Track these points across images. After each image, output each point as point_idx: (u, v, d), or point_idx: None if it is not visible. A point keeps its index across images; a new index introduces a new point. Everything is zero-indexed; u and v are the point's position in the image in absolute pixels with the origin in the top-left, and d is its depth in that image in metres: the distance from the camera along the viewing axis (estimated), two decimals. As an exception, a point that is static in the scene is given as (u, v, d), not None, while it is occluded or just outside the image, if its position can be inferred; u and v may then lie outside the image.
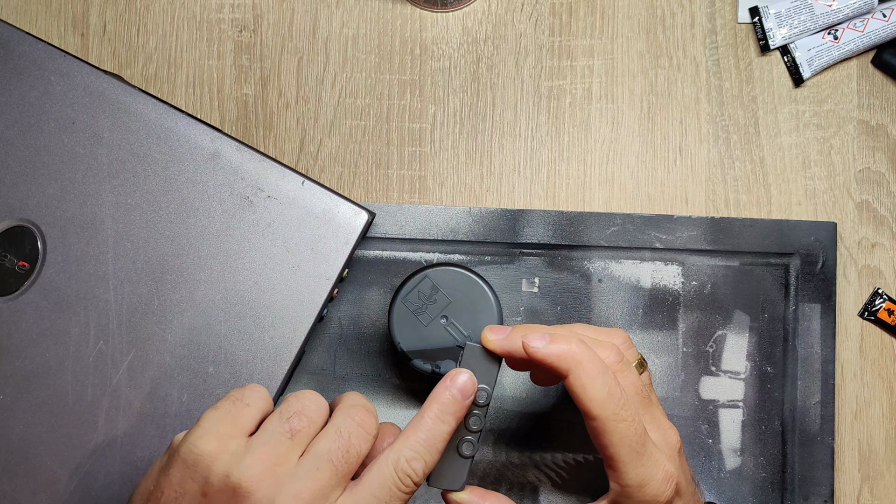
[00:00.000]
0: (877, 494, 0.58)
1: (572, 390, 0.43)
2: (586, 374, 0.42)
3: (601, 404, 0.42)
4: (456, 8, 0.59)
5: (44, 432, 0.51)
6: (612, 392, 0.42)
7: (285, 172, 0.52)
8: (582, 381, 0.42)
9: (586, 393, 0.42)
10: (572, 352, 0.43)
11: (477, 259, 0.58)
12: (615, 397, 0.42)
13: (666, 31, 0.60)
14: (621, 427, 0.42)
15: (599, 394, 0.42)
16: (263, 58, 0.59)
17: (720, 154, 0.59)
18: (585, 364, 0.42)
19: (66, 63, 0.53)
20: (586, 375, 0.42)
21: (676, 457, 0.45)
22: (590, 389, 0.42)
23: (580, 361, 0.43)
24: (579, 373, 0.42)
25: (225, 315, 0.52)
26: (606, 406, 0.42)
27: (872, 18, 0.59)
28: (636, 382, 0.45)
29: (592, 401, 0.42)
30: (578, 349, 0.43)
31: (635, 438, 0.42)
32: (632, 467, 0.42)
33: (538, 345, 0.43)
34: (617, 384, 0.43)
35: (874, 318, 0.58)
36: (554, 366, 0.43)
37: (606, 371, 0.43)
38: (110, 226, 0.52)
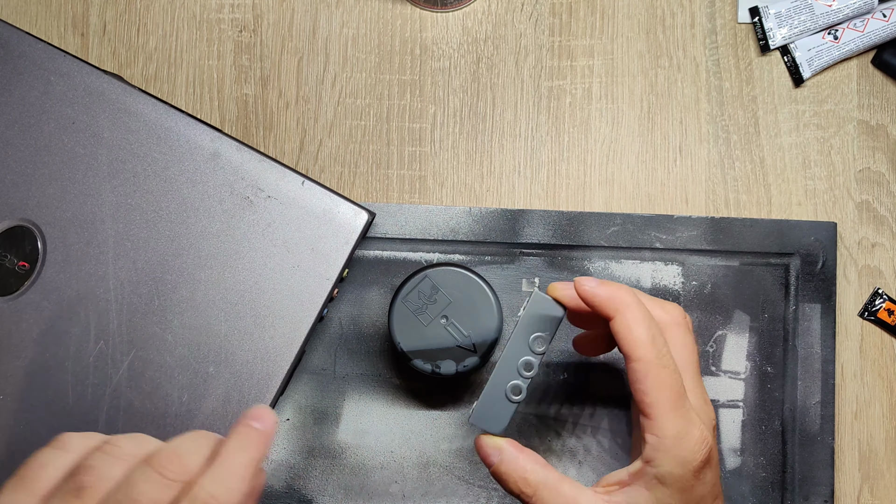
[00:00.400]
0: (877, 494, 0.58)
1: (616, 332, 0.43)
2: (633, 315, 0.43)
3: (644, 345, 0.43)
4: (456, 8, 0.59)
5: (44, 432, 0.51)
6: (656, 338, 0.43)
7: (285, 172, 0.52)
8: (627, 321, 0.43)
9: (631, 332, 0.43)
10: (620, 295, 0.44)
11: (477, 259, 0.58)
12: (658, 343, 0.43)
13: (666, 31, 0.60)
14: (663, 373, 0.43)
15: (644, 336, 0.43)
16: (263, 58, 0.59)
17: (720, 154, 0.59)
18: (632, 307, 0.43)
19: (66, 63, 0.53)
20: (632, 317, 0.43)
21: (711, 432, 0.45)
22: (635, 330, 0.43)
23: (628, 304, 0.44)
24: (626, 313, 0.43)
25: (225, 315, 0.52)
26: (650, 348, 0.43)
27: (872, 18, 0.59)
28: (693, 344, 0.46)
29: (637, 341, 0.43)
30: (627, 294, 0.44)
31: (675, 388, 0.43)
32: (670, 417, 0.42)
33: (590, 285, 0.44)
34: (661, 335, 0.44)
35: (874, 318, 0.58)
36: (602, 306, 0.44)
37: (652, 319, 0.44)
38: (110, 226, 0.52)
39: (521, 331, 0.46)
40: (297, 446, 0.57)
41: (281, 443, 0.57)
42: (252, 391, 0.51)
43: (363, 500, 0.56)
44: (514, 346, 0.46)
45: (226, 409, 0.51)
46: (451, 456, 0.57)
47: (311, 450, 0.57)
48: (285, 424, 0.57)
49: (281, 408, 0.57)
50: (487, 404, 0.45)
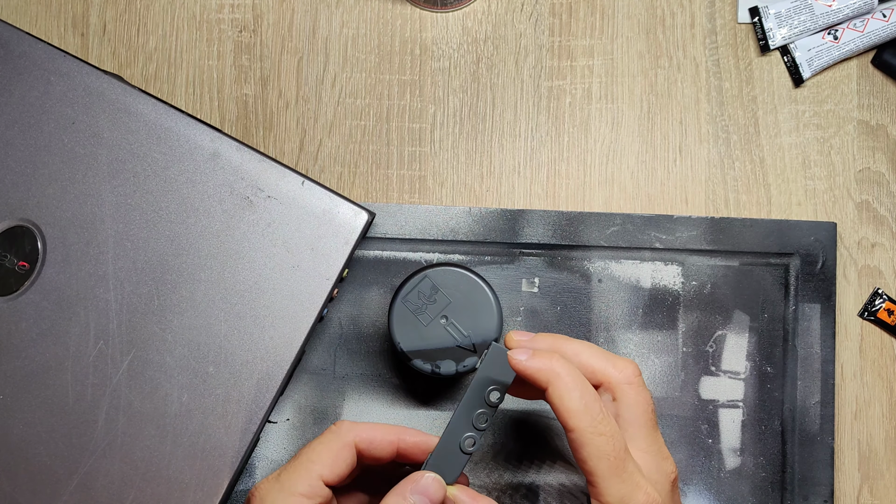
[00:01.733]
0: (877, 494, 0.58)
1: (551, 403, 0.43)
2: (564, 385, 0.43)
3: (577, 415, 0.42)
4: (456, 8, 0.59)
5: (44, 432, 0.51)
6: (590, 406, 0.43)
7: (285, 172, 0.52)
8: (560, 392, 0.43)
9: (563, 403, 0.43)
10: (551, 365, 0.43)
11: (477, 259, 0.58)
12: (592, 411, 0.43)
13: (666, 31, 0.60)
14: (599, 441, 0.42)
15: (576, 405, 0.43)
16: (263, 58, 0.59)
17: (720, 154, 0.59)
18: (563, 377, 0.43)
19: (66, 63, 0.53)
20: (564, 387, 0.43)
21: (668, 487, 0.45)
22: (567, 400, 0.43)
23: (559, 374, 0.43)
24: (558, 384, 0.43)
25: (225, 315, 0.52)
26: (583, 417, 0.42)
27: (872, 18, 0.59)
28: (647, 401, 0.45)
29: (569, 411, 0.43)
30: (558, 363, 0.43)
31: (614, 454, 0.42)
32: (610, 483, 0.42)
33: (521, 357, 0.44)
34: (597, 401, 0.43)
35: (874, 318, 0.58)
36: (534, 378, 0.44)
37: (586, 386, 0.43)
38: (110, 226, 0.52)
39: (478, 384, 0.45)
40: (297, 446, 0.57)
41: (281, 443, 0.57)
42: (252, 391, 0.51)
43: (363, 500, 0.56)
44: (470, 399, 0.45)
45: (226, 409, 0.51)
46: (451, 456, 0.57)
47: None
48: (285, 424, 0.57)
49: (281, 408, 0.57)
50: (442, 456, 0.45)
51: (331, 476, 0.45)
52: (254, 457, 0.56)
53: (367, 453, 0.46)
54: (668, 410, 0.57)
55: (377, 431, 0.46)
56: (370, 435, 0.46)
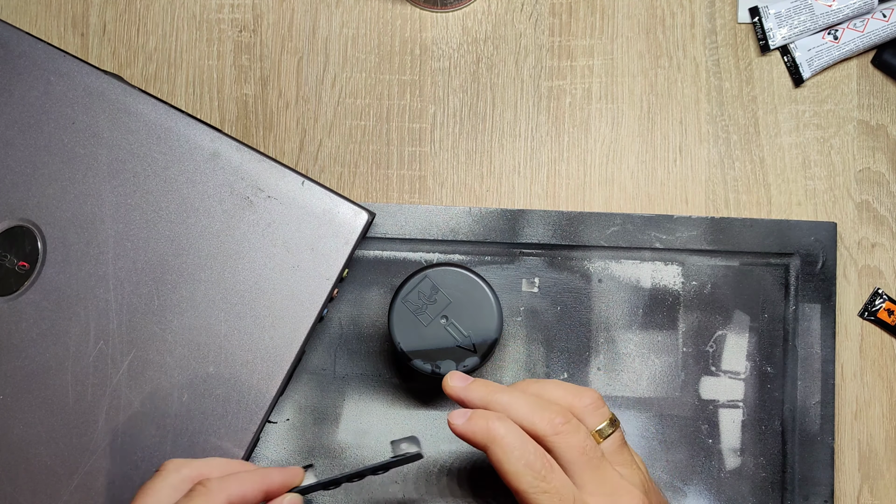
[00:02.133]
0: (877, 494, 0.58)
1: (493, 465, 0.43)
2: (502, 447, 0.43)
3: (517, 476, 0.43)
4: (456, 8, 0.59)
5: (43, 432, 0.51)
6: (530, 464, 0.43)
7: (285, 172, 0.52)
8: (498, 454, 0.43)
9: (503, 466, 0.43)
10: (489, 427, 0.43)
11: (477, 259, 0.58)
12: (533, 469, 0.43)
13: (666, 31, 0.60)
14: (543, 498, 0.42)
15: (515, 466, 0.43)
16: (263, 58, 0.59)
17: (720, 154, 0.59)
18: (501, 438, 0.43)
19: (66, 63, 0.53)
20: (501, 449, 0.43)
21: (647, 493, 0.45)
22: (506, 462, 0.43)
23: (495, 436, 0.43)
24: (495, 447, 0.43)
25: (225, 315, 0.52)
26: (523, 478, 0.42)
27: (872, 18, 0.59)
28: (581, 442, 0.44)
29: (509, 473, 0.43)
30: (495, 425, 0.43)
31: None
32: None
33: (458, 422, 0.44)
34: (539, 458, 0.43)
35: (874, 318, 0.58)
36: (473, 441, 0.44)
37: (526, 445, 0.43)
38: (110, 226, 0.52)
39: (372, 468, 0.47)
40: (297, 446, 0.57)
41: (281, 443, 0.57)
42: (252, 391, 0.51)
43: (363, 500, 0.56)
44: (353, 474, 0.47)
45: (226, 409, 0.51)
46: (451, 456, 0.57)
47: (311, 450, 0.57)
48: (285, 424, 0.57)
49: (281, 408, 0.57)
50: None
51: None
52: (254, 457, 0.56)
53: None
54: (668, 410, 0.57)
55: (247, 486, 0.44)
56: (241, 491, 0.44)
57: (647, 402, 0.57)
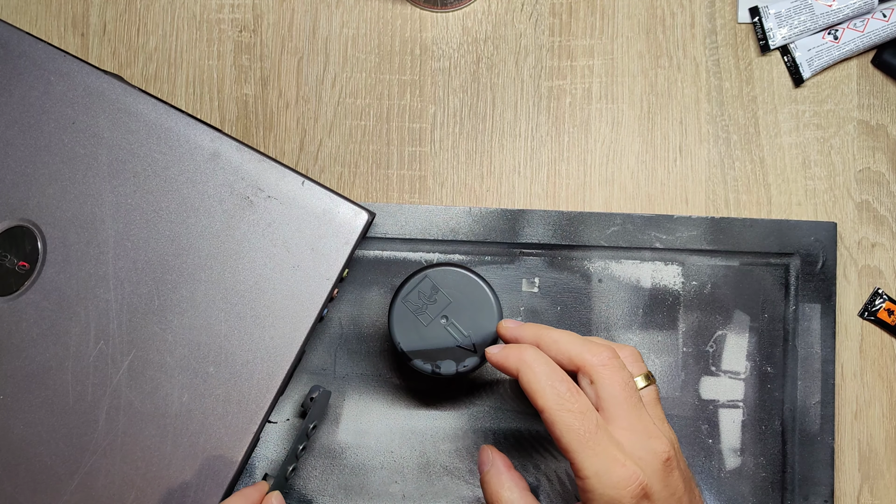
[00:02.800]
0: (877, 494, 0.58)
1: (524, 390, 0.46)
2: (531, 371, 0.45)
3: (543, 395, 0.45)
4: (456, 8, 0.59)
5: (44, 432, 0.51)
6: (555, 386, 0.45)
7: (285, 172, 0.52)
8: (528, 377, 0.45)
9: (531, 386, 0.45)
10: (520, 355, 0.46)
11: (477, 259, 0.58)
12: (558, 390, 0.45)
13: (666, 31, 0.60)
14: (567, 416, 0.44)
15: (541, 386, 0.45)
16: (263, 58, 0.59)
17: (720, 154, 0.59)
18: (530, 363, 0.45)
19: (66, 63, 0.53)
20: (531, 372, 0.45)
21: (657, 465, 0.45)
22: (534, 383, 0.45)
23: (525, 361, 0.46)
24: (525, 371, 0.45)
25: (225, 315, 0.52)
26: (549, 397, 0.44)
27: (872, 18, 0.59)
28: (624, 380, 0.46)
29: (536, 393, 0.45)
30: (526, 352, 0.46)
31: (583, 428, 0.44)
32: (584, 457, 0.43)
33: (494, 351, 0.47)
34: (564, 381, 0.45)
35: (874, 318, 0.58)
36: (507, 369, 0.46)
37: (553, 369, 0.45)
38: (110, 226, 0.52)
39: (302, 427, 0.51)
40: (297, 446, 0.57)
41: (281, 443, 0.57)
42: (252, 391, 0.51)
43: (363, 500, 0.56)
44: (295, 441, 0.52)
45: (226, 409, 0.51)
46: (451, 456, 0.57)
47: (311, 450, 0.57)
48: (285, 424, 0.57)
49: (281, 408, 0.57)
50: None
51: None
52: (254, 457, 0.56)
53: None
54: (668, 410, 0.57)
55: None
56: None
57: (647, 402, 0.57)
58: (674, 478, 0.45)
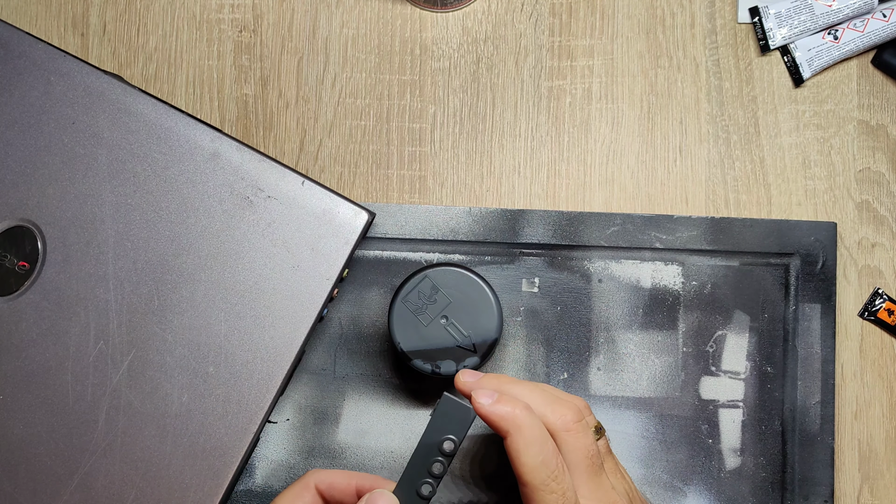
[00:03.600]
0: (877, 494, 0.58)
1: (509, 453, 0.43)
2: (523, 439, 0.43)
3: (532, 471, 0.43)
4: (456, 8, 0.59)
5: (44, 432, 0.51)
6: (547, 462, 0.43)
7: (285, 172, 0.52)
8: (518, 445, 0.43)
9: (520, 458, 0.43)
10: (514, 415, 0.43)
11: (477, 259, 0.58)
12: (549, 468, 0.43)
13: (666, 31, 0.60)
14: (549, 498, 0.42)
15: (532, 461, 0.43)
16: (263, 58, 0.59)
17: (720, 154, 0.59)
18: (524, 429, 0.43)
19: (66, 63, 0.53)
20: (523, 440, 0.43)
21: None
22: (524, 455, 0.43)
23: (520, 426, 0.43)
24: (517, 437, 0.43)
25: (225, 315, 0.52)
26: (537, 475, 0.42)
27: (872, 18, 0.59)
28: (589, 446, 0.45)
29: (524, 466, 0.43)
30: (521, 414, 0.43)
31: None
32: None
33: (484, 401, 0.44)
34: (554, 457, 0.43)
35: (874, 318, 0.58)
36: (495, 425, 0.43)
37: (545, 441, 0.43)
38: (110, 226, 0.52)
39: (431, 434, 0.45)
40: (297, 446, 0.57)
41: (281, 443, 0.57)
42: (252, 391, 0.51)
43: (363, 500, 0.56)
44: (424, 450, 0.45)
45: (226, 409, 0.51)
46: (451, 456, 0.57)
47: (311, 450, 0.57)
48: (285, 424, 0.57)
49: (281, 408, 0.57)
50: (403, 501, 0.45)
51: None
52: (254, 457, 0.56)
53: (329, 495, 0.48)
54: (668, 410, 0.57)
55: (337, 476, 0.48)
56: (330, 479, 0.48)
57: (647, 402, 0.57)
58: None
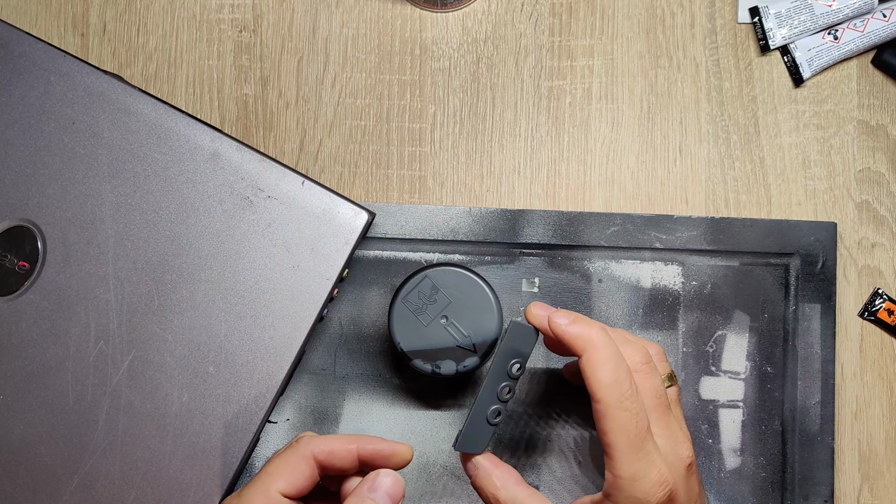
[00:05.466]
0: (877, 494, 0.58)
1: (583, 371, 0.44)
2: (599, 357, 0.44)
3: (607, 388, 0.43)
4: (456, 8, 0.59)
5: (44, 432, 0.51)
6: (621, 381, 0.44)
7: (285, 172, 0.52)
8: (593, 362, 0.44)
9: (595, 374, 0.44)
10: (591, 333, 0.44)
11: (477, 259, 0.58)
12: (622, 386, 0.43)
13: (666, 31, 0.60)
14: (622, 416, 0.43)
15: (607, 378, 0.43)
16: (263, 58, 0.59)
17: (720, 154, 0.59)
18: (600, 348, 0.44)
19: (66, 63, 0.53)
20: (598, 358, 0.44)
21: (683, 470, 0.45)
22: (599, 372, 0.44)
23: (596, 344, 0.44)
24: (592, 354, 0.44)
25: (225, 315, 0.52)
26: (612, 391, 0.43)
27: (872, 18, 0.59)
28: (656, 387, 0.46)
29: (599, 383, 0.43)
30: (597, 334, 0.44)
31: (634, 431, 0.43)
32: (626, 458, 0.43)
33: (562, 321, 0.45)
34: (628, 377, 0.44)
35: (874, 318, 0.58)
36: (572, 344, 0.45)
37: (620, 361, 0.44)
38: (110, 226, 0.52)
39: (501, 358, 0.47)
40: (297, 446, 0.57)
41: (281, 443, 0.57)
42: (252, 391, 0.51)
43: (363, 500, 0.56)
44: (495, 373, 0.47)
45: (226, 409, 0.51)
46: (451, 456, 0.57)
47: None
48: (285, 424, 0.57)
49: (281, 408, 0.57)
50: (471, 430, 0.46)
51: (289, 489, 0.46)
52: (254, 457, 0.56)
53: (329, 464, 0.47)
54: (668, 410, 0.57)
55: (335, 442, 0.47)
56: (329, 446, 0.47)
57: (647, 402, 0.57)
58: (693, 481, 0.46)
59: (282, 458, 0.46)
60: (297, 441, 0.47)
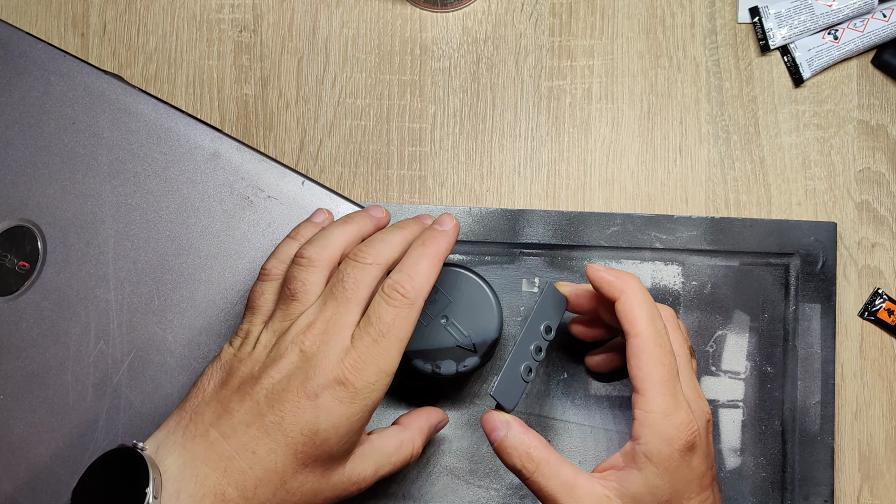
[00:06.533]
0: (877, 494, 0.58)
1: (619, 311, 0.46)
2: (636, 296, 0.46)
3: (643, 322, 0.45)
4: (456, 8, 0.59)
5: (44, 432, 0.51)
6: (656, 320, 0.46)
7: (285, 172, 0.52)
8: (630, 301, 0.46)
9: (633, 311, 0.46)
10: (627, 278, 0.47)
11: (477, 259, 0.58)
12: (658, 325, 0.45)
13: (666, 31, 0.60)
14: (658, 351, 0.45)
15: (644, 315, 0.45)
16: (263, 58, 0.59)
17: (720, 154, 0.59)
18: (636, 290, 0.46)
19: (66, 63, 0.53)
20: (635, 298, 0.46)
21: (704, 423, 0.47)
22: (637, 309, 0.46)
23: (632, 286, 0.46)
24: (630, 294, 0.46)
25: (225, 315, 0.52)
26: (648, 325, 0.45)
27: (872, 18, 0.59)
28: (683, 342, 0.48)
29: (639, 318, 0.45)
30: (633, 279, 0.47)
31: (668, 367, 0.45)
32: (658, 392, 0.44)
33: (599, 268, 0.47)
34: (661, 321, 0.46)
35: (874, 318, 0.58)
36: (609, 287, 0.47)
37: (654, 305, 0.46)
38: (110, 226, 0.52)
39: (536, 318, 0.49)
40: (297, 446, 0.56)
41: (281, 443, 0.57)
42: (252, 391, 0.51)
43: (363, 500, 0.56)
44: (530, 332, 0.48)
45: (226, 409, 0.51)
46: (451, 456, 0.57)
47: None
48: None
49: (281, 408, 0.57)
50: (506, 381, 0.47)
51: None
52: (254, 457, 0.56)
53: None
54: (668, 410, 0.57)
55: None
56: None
57: (647, 402, 0.57)
58: (710, 439, 0.47)
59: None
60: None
